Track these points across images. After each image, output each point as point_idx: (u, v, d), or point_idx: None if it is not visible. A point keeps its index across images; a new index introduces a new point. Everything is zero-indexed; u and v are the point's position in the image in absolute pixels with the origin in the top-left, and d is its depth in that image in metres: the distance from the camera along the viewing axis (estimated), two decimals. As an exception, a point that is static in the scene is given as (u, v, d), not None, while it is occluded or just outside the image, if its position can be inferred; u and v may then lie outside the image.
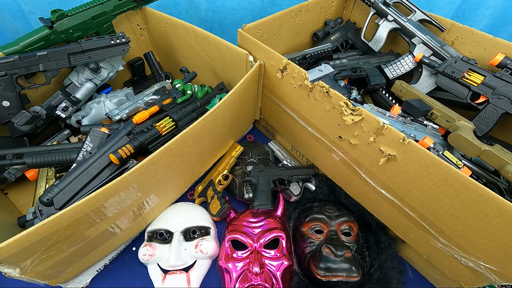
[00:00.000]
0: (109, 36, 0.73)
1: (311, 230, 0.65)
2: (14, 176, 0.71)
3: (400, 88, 0.79)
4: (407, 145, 0.47)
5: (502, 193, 0.58)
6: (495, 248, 0.44)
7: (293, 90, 0.65)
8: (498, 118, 0.68)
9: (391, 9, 0.84)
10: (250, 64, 0.68)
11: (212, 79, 0.87)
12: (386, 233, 0.67)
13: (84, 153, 0.63)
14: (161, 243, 0.64)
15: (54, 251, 0.46)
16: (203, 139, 0.63)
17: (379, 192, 0.58)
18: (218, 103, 0.60)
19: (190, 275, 0.62)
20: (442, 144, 0.69)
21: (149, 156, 0.51)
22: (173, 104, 0.70)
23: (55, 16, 0.68)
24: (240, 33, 0.72)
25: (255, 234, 0.65)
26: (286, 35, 0.89)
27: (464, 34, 0.76)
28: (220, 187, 0.74)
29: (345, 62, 0.88)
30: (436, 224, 0.51)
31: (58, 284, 0.55)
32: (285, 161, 0.84)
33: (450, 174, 0.43)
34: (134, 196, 0.54)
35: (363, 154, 0.57)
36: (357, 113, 0.53)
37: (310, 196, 0.77)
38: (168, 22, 0.81)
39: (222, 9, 1.01)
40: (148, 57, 0.89)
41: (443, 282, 0.62)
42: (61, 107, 0.71)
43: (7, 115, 0.67)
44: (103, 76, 0.78)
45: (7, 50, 0.65)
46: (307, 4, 0.86)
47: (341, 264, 0.57)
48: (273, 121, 0.84)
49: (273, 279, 0.59)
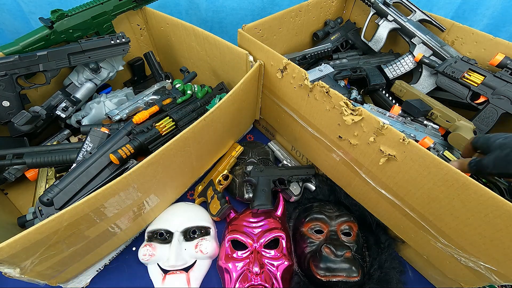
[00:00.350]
0: (109, 36, 0.73)
1: (311, 230, 0.65)
2: (14, 176, 0.71)
3: (400, 88, 0.79)
4: (407, 145, 0.47)
5: (502, 193, 0.58)
6: (495, 248, 0.44)
7: (293, 90, 0.65)
8: (498, 118, 0.68)
9: (391, 9, 0.84)
10: (250, 64, 0.68)
11: (212, 79, 0.87)
12: (386, 233, 0.67)
13: (84, 153, 0.63)
14: (161, 243, 0.64)
15: (54, 251, 0.46)
16: (203, 139, 0.63)
17: (379, 192, 0.58)
18: (218, 103, 0.60)
19: (190, 275, 0.62)
20: (442, 144, 0.69)
21: (149, 156, 0.51)
22: (173, 104, 0.70)
23: (55, 16, 0.68)
24: (240, 33, 0.72)
25: (255, 234, 0.65)
26: (286, 35, 0.89)
27: (464, 34, 0.77)
28: (220, 187, 0.74)
29: (345, 62, 0.89)
30: (436, 224, 0.51)
31: (58, 284, 0.55)
32: (285, 161, 0.84)
33: (450, 174, 0.43)
34: (134, 196, 0.54)
35: (363, 154, 0.57)
36: (357, 113, 0.53)
37: (310, 196, 0.77)
38: (168, 22, 0.81)
39: (222, 9, 1.01)
40: (148, 57, 0.89)
41: (443, 282, 0.62)
42: (61, 107, 0.71)
43: (7, 115, 0.67)
44: (103, 76, 0.78)
45: (7, 50, 0.65)
46: (307, 4, 0.86)
47: (341, 264, 0.57)
48: (273, 121, 0.84)
49: (273, 279, 0.59)
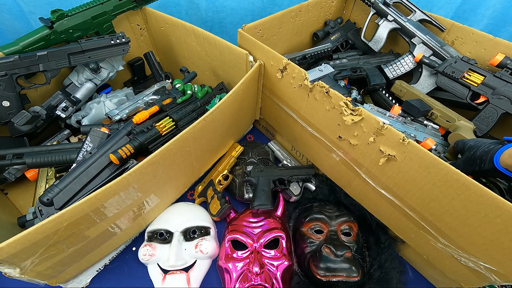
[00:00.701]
0: (109, 36, 0.73)
1: (311, 230, 0.65)
2: (14, 176, 0.71)
3: (400, 88, 0.79)
4: (407, 145, 0.47)
5: (502, 193, 0.58)
6: (495, 248, 0.44)
7: (293, 90, 0.65)
8: (498, 118, 0.68)
9: (391, 9, 0.84)
10: (250, 64, 0.68)
11: (212, 79, 0.87)
12: (386, 233, 0.67)
13: (84, 153, 0.63)
14: (161, 243, 0.64)
15: (54, 251, 0.46)
16: (203, 139, 0.63)
17: (379, 192, 0.58)
18: (218, 103, 0.60)
19: (190, 275, 0.62)
20: (442, 145, 0.69)
21: (149, 156, 0.51)
22: (173, 104, 0.70)
23: (55, 16, 0.68)
24: (240, 33, 0.72)
25: (255, 234, 0.65)
26: (286, 35, 0.89)
27: (464, 34, 0.76)
28: (220, 187, 0.74)
29: (345, 62, 0.89)
30: (436, 224, 0.51)
31: (58, 284, 0.55)
32: (285, 161, 0.84)
33: (450, 174, 0.43)
34: (134, 196, 0.54)
35: (363, 154, 0.57)
36: (357, 113, 0.53)
37: (310, 196, 0.77)
38: (168, 22, 0.81)
39: (222, 9, 1.01)
40: (148, 57, 0.89)
41: (443, 282, 0.62)
42: (61, 107, 0.71)
43: (7, 115, 0.67)
44: (103, 76, 0.78)
45: (7, 50, 0.65)
46: (307, 4, 0.86)
47: (341, 264, 0.57)
48: (273, 121, 0.84)
49: (273, 279, 0.59)
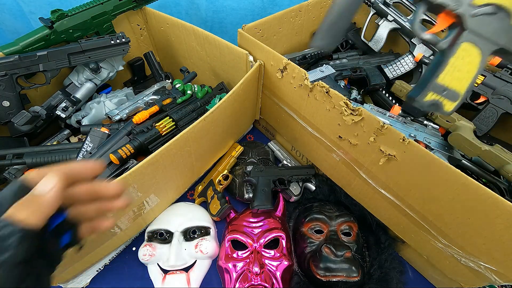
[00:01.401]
0: (109, 36, 0.73)
1: (311, 230, 0.65)
2: (14, 176, 0.71)
3: (400, 88, 0.79)
4: (407, 145, 0.47)
5: (502, 193, 0.58)
6: (495, 248, 0.44)
7: (293, 90, 0.65)
8: (498, 118, 0.68)
9: (391, 9, 0.84)
10: (250, 64, 0.68)
11: (212, 79, 0.87)
12: (386, 233, 0.67)
13: (84, 153, 0.63)
14: (161, 243, 0.64)
15: (54, 251, 0.46)
16: (203, 139, 0.63)
17: (379, 192, 0.58)
18: (218, 103, 0.60)
19: (190, 275, 0.62)
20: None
21: (149, 156, 0.51)
22: (173, 104, 0.70)
23: (55, 16, 0.68)
24: (240, 33, 0.72)
25: (255, 234, 0.65)
26: (286, 35, 0.89)
27: (464, 34, 0.76)
28: (220, 187, 0.74)
29: (345, 62, 0.88)
30: (436, 224, 0.51)
31: (58, 284, 0.55)
32: (285, 161, 0.84)
33: (450, 174, 0.43)
34: (134, 196, 0.54)
35: (363, 154, 0.57)
36: (357, 113, 0.53)
37: (310, 196, 0.77)
38: (168, 22, 0.81)
39: (222, 9, 1.01)
40: (148, 57, 0.89)
41: (443, 282, 0.62)
42: (61, 107, 0.71)
43: (7, 115, 0.67)
44: (103, 76, 0.78)
45: (7, 50, 0.65)
46: (307, 4, 0.86)
47: (341, 264, 0.57)
48: (273, 121, 0.84)
49: (273, 279, 0.59)
